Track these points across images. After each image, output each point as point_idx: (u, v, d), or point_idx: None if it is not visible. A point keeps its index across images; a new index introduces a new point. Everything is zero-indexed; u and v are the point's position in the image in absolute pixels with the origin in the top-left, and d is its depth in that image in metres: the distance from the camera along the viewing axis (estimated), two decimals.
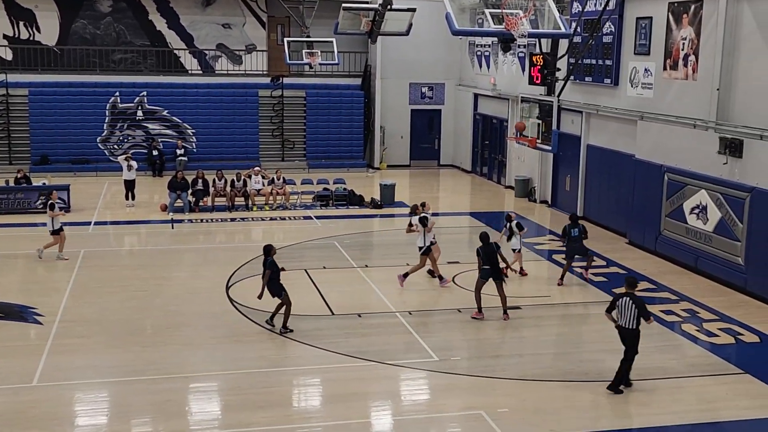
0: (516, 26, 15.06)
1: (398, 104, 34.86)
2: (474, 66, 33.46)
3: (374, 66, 34.35)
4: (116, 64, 33.89)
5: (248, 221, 24.41)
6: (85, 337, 14.56)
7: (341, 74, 34.63)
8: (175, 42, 34.31)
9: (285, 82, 33.72)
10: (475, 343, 14.80)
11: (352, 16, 22.59)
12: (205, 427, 11.42)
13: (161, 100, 32.66)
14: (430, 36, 32.85)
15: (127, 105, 32.36)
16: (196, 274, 18.72)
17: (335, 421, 11.57)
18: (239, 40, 34.86)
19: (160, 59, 34.15)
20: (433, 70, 34.93)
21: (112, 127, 32.26)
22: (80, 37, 33.59)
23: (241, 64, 34.86)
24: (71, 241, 21.11)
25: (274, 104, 33.70)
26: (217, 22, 34.61)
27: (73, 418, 11.68)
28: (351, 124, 34.15)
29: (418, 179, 32.66)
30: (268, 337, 14.69)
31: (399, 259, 20.06)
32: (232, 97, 33.27)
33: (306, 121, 34.00)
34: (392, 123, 34.86)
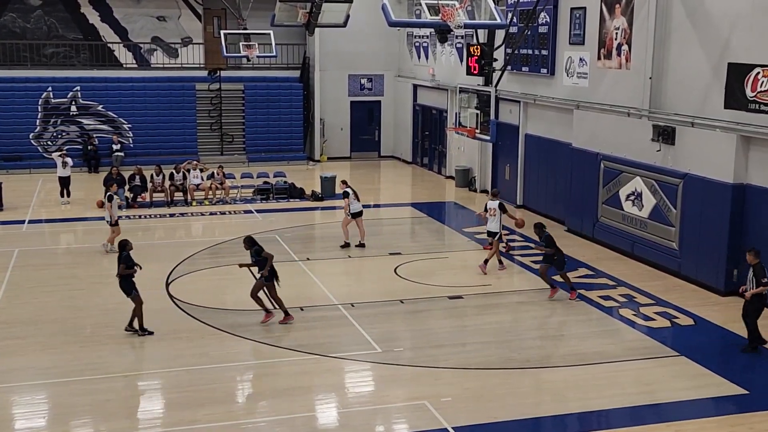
0: (452, 17, 15.16)
1: (337, 96, 34.79)
2: (413, 57, 33.55)
3: (313, 58, 34.20)
4: (48, 59, 33.11)
5: (188, 216, 24.13)
6: (21, 338, 14.23)
7: (279, 66, 34.40)
8: (108, 35, 33.65)
9: (222, 75, 33.36)
10: (418, 333, 14.87)
11: (289, 8, 22.52)
12: (147, 426, 11.28)
13: (96, 94, 32.02)
14: (369, 27, 32.81)
15: (61, 100, 31.65)
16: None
17: (280, 416, 11.53)
18: (175, 32, 34.35)
19: (94, 53, 33.47)
20: (372, 62, 34.94)
21: (45, 123, 31.53)
22: (9, 31, 32.72)
23: (177, 58, 34.36)
24: (4, 241, 20.61)
25: (212, 98, 33.33)
26: (152, 14, 34.05)
27: (11, 422, 11.40)
28: (290, 116, 33.96)
29: (358, 171, 32.63)
30: (209, 333, 14.55)
31: (340, 252, 20.06)
32: (168, 90, 32.80)
33: (245, 114, 33.72)
34: (332, 115, 34.78)
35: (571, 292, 16.64)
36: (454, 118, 22.98)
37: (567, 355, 13.75)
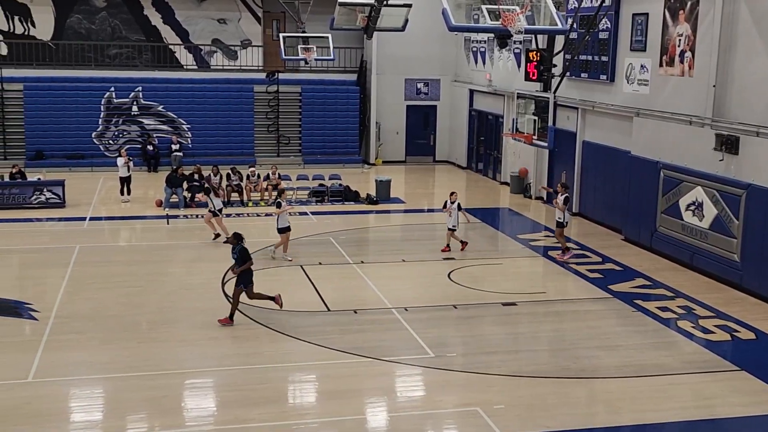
0: (512, 22, 15.06)
1: (394, 100, 34.83)
2: (470, 62, 33.44)
3: (370, 61, 34.31)
4: (111, 60, 33.80)
5: (244, 217, 24.38)
6: (81, 333, 14.52)
7: (337, 70, 34.58)
8: (170, 37, 34.23)
9: (280, 77, 33.68)
10: (471, 339, 14.79)
11: (348, 12, 22.63)
12: (200, 423, 11.40)
13: (156, 95, 32.60)
14: (426, 32, 32.81)
15: (123, 100, 32.29)
16: (191, 270, 18.68)
17: (330, 418, 11.56)
18: (235, 35, 34.79)
19: (156, 54, 34.07)
20: (429, 66, 34.91)
21: (107, 122, 32.19)
22: (75, 32, 33.49)
23: (236, 60, 34.79)
24: (66, 237, 21.07)
25: (270, 100, 33.66)
26: (213, 17, 34.53)
27: (69, 414, 11.65)
28: (346, 119, 34.11)
29: (413, 175, 32.65)
30: (263, 333, 14.67)
31: (394, 255, 20.08)
32: (227, 92, 33.22)
33: (302, 116, 33.97)
34: (388, 119, 34.84)
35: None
36: (511, 123, 22.85)
37: (622, 365, 13.53)
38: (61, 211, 24.12)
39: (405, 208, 26.32)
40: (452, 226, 20.45)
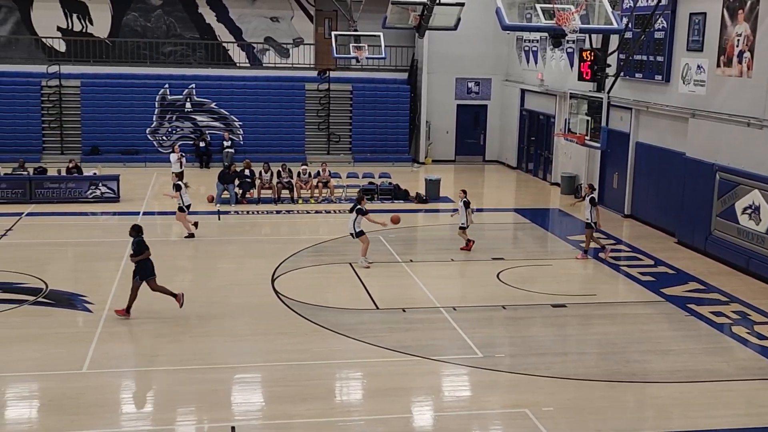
0: (567, 21, 14.91)
1: (444, 99, 34.75)
2: (521, 61, 33.20)
3: (421, 60, 34.26)
4: (166, 57, 34.30)
5: (293, 214, 24.54)
6: (133, 325, 14.77)
7: (388, 68, 34.60)
8: (223, 35, 34.61)
9: (332, 75, 33.83)
10: (519, 340, 14.70)
11: (401, 11, 22.62)
12: (248, 418, 11.51)
13: (209, 92, 32.99)
14: (478, 30, 32.69)
15: (176, 97, 32.75)
16: (241, 266, 18.86)
17: (376, 416, 11.59)
18: (287, 33, 35.04)
19: (209, 52, 34.47)
20: (480, 65, 34.75)
21: (161, 118, 32.68)
22: (131, 30, 34.06)
23: (288, 58, 35.03)
24: (120, 231, 21.38)
25: (321, 98, 33.82)
26: (266, 15, 34.82)
27: (121, 406, 11.87)
28: (397, 118, 34.12)
29: (463, 174, 32.54)
30: (312, 330, 14.75)
31: (443, 255, 20.04)
32: (279, 90, 33.48)
33: (352, 115, 34.07)
34: (438, 118, 34.77)
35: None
36: (563, 123, 22.63)
37: (674, 370, 13.32)
38: (115, 205, 24.54)
39: (454, 207, 26.16)
40: (462, 224, 20.31)
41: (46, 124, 32.02)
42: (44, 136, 31.98)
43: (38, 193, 24.64)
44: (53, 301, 15.95)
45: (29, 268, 17.81)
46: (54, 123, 32.05)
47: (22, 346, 13.72)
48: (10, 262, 18.26)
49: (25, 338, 14.05)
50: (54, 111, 32.05)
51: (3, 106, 31.40)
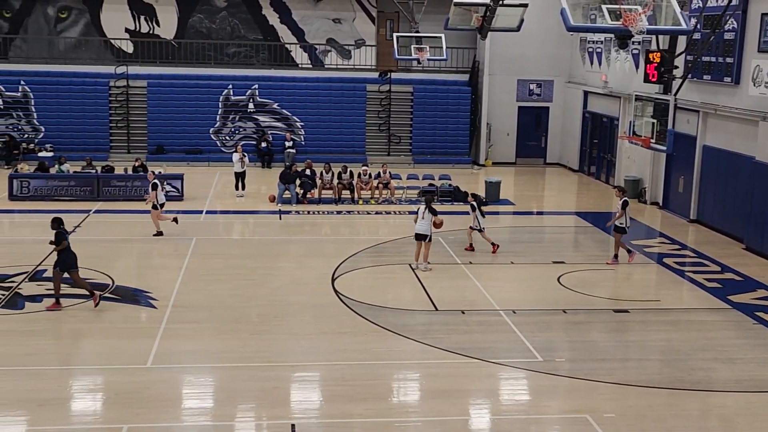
0: (634, 22, 14.67)
1: (505, 101, 34.52)
2: (585, 63, 32.79)
3: (482, 62, 34.10)
4: (230, 58, 34.79)
5: (354, 214, 24.65)
6: (196, 322, 15.01)
7: (449, 70, 34.54)
8: (286, 36, 34.96)
9: (393, 77, 33.91)
10: (580, 345, 14.52)
11: (463, 12, 22.54)
12: (307, 416, 11.59)
13: (272, 93, 33.36)
14: (540, 32, 32.43)
15: (239, 98, 33.19)
16: (302, 265, 19.01)
17: (434, 417, 11.57)
18: (349, 34, 35.22)
19: (272, 53, 34.85)
20: (542, 67, 34.44)
21: (225, 118, 33.17)
22: (197, 31, 34.64)
23: (350, 59, 35.22)
24: (184, 229, 21.78)
25: (382, 99, 33.92)
26: (328, 17, 35.07)
27: (183, 401, 12.07)
28: (457, 120, 34.04)
29: (523, 177, 32.29)
30: (372, 330, 14.79)
31: (503, 257, 19.90)
32: (340, 91, 33.68)
33: (413, 116, 34.10)
34: (499, 120, 34.56)
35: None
36: (628, 126, 22.27)
37: (740, 380, 13.01)
38: (179, 204, 24.96)
39: (514, 210, 26.05)
40: (473, 226, 20.32)
41: (113, 124, 32.78)
42: (111, 135, 32.75)
43: (105, 191, 25.23)
44: (119, 296, 16.31)
45: (97, 264, 18.24)
46: (121, 122, 32.79)
47: (90, 340, 14.07)
48: (78, 258, 18.66)
49: (93, 332, 14.41)
50: (121, 111, 32.79)
51: (73, 105, 32.26)
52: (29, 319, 14.93)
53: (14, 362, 12.97)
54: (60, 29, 34.08)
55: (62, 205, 24.07)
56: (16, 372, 12.62)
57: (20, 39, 33.92)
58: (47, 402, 11.60)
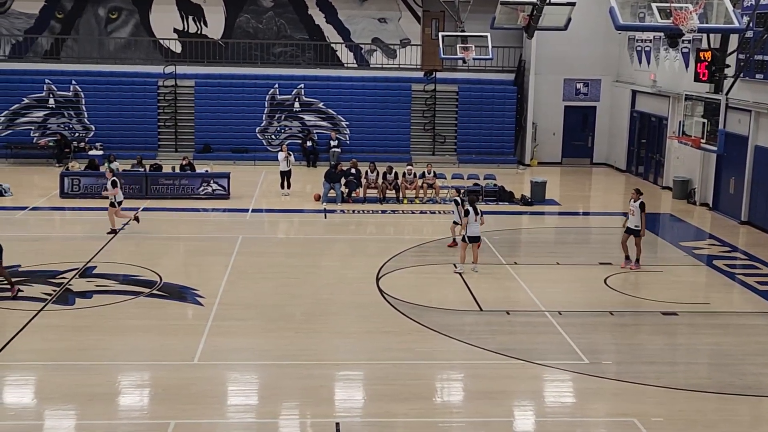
0: (685, 21, 14.43)
1: (551, 100, 34.22)
2: (633, 62, 32.36)
3: (528, 61, 33.86)
4: (276, 57, 35.02)
5: (398, 214, 24.64)
6: (242, 320, 15.13)
7: (494, 69, 34.33)
8: (332, 36, 35.08)
9: (438, 76, 33.82)
10: (627, 348, 14.34)
11: (509, 11, 22.44)
12: (351, 415, 11.62)
13: (317, 92, 33.51)
14: (587, 30, 32.08)
15: (285, 97, 33.40)
16: (346, 264, 19.06)
17: (478, 418, 11.52)
18: (394, 34, 35.22)
19: (318, 53, 35.00)
20: (589, 66, 34.06)
21: (271, 118, 33.41)
22: (243, 31, 34.93)
23: (395, 58, 35.20)
24: (230, 227, 21.99)
25: (427, 98, 33.87)
26: (374, 16, 35.10)
27: (229, 398, 12.19)
28: (503, 119, 33.84)
29: (569, 177, 31.98)
30: (416, 330, 14.78)
31: (549, 258, 19.74)
32: (385, 90, 33.70)
33: (458, 115, 33.98)
34: (545, 119, 34.28)
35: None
36: (677, 126, 21.91)
37: None
38: (225, 202, 25.21)
39: (560, 210, 25.83)
40: (456, 221, 20.16)
41: (161, 123, 33.22)
42: (159, 134, 33.19)
43: (153, 189, 25.57)
44: (167, 293, 16.52)
45: (144, 261, 18.51)
46: (169, 121, 33.21)
47: (138, 336, 14.27)
48: (127, 255, 19.03)
49: (141, 329, 14.62)
50: (169, 110, 33.22)
51: (122, 105, 32.77)
52: (79, 314, 15.19)
53: (65, 357, 13.21)
54: (110, 30, 34.63)
55: None
56: (67, 366, 12.86)
57: (72, 39, 34.55)
58: (96, 396, 11.80)
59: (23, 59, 33.85)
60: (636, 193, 19.03)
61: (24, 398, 12.04)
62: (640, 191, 19.12)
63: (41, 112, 32.58)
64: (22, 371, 12.79)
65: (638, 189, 19.27)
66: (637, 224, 18.64)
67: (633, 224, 18.75)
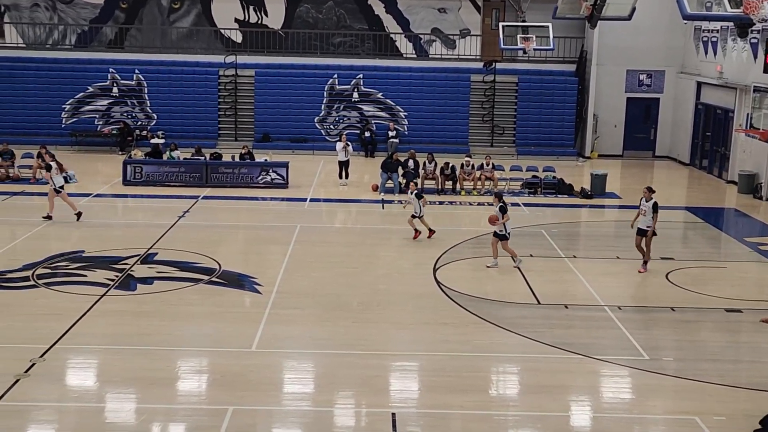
0: (756, 10, 14.05)
1: (613, 92, 33.64)
2: (699, 52, 31.62)
3: (590, 52, 33.33)
4: (335, 48, 35.12)
5: (456, 205, 24.54)
6: (299, 308, 15.24)
7: (555, 60, 33.90)
8: (391, 26, 35.03)
9: (497, 67, 33.53)
10: (689, 344, 14.06)
11: (572, 1, 22.14)
12: (406, 406, 11.61)
13: (376, 82, 33.51)
14: (651, 20, 31.42)
15: (344, 87, 33.48)
16: (403, 255, 19.04)
17: (534, 412, 11.42)
18: (454, 24, 35.02)
19: (377, 43, 35.00)
20: (653, 57, 33.38)
21: (329, 108, 33.54)
22: (303, 21, 35.10)
23: (454, 49, 35.02)
24: (288, 216, 22.16)
25: (486, 89, 33.61)
26: (433, 6, 34.95)
27: (285, 385, 12.28)
28: (563, 111, 33.42)
29: (630, 170, 31.45)
30: (472, 322, 14.71)
31: (608, 252, 19.47)
32: (444, 81, 33.54)
33: (517, 106, 33.66)
34: (606, 111, 33.73)
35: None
36: (744, 119, 21.39)
37: None
38: (284, 191, 25.40)
39: (621, 203, 25.42)
40: (414, 213, 20.12)
41: (221, 112, 33.60)
42: (220, 123, 33.58)
43: (213, 178, 25.88)
44: (225, 281, 16.71)
45: (204, 248, 18.76)
46: (229, 111, 33.58)
47: (198, 323, 14.48)
48: (187, 243, 19.30)
49: (200, 315, 14.82)
50: (229, 99, 33.58)
51: (183, 94, 33.24)
52: (141, 300, 15.47)
53: (127, 342, 13.47)
54: (173, 19, 35.13)
55: (172, 191, 24.89)
56: (128, 351, 13.11)
57: (135, 29, 35.15)
58: (157, 381, 12.01)
59: (88, 48, 34.56)
60: (648, 191, 17.87)
61: (87, 381, 12.33)
62: (652, 189, 17.96)
63: (105, 100, 33.23)
64: (85, 354, 13.08)
65: (650, 187, 18.08)
66: (649, 224, 17.60)
67: (645, 225, 17.68)
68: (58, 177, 20.81)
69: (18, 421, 10.82)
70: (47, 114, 32.82)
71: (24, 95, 32.81)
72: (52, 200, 20.84)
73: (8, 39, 34.66)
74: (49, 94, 32.82)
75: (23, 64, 33.15)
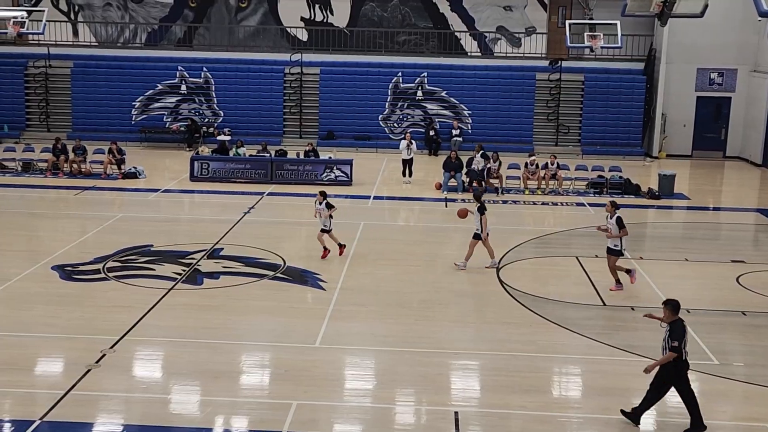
0: None
1: (683, 90, 32.97)
2: None
3: (659, 49, 32.70)
4: (400, 46, 35.18)
5: (519, 204, 24.34)
6: (363, 305, 15.30)
7: (623, 58, 33.35)
8: (456, 24, 34.94)
9: (563, 65, 33.16)
10: (761, 350, 13.71)
11: None
12: (467, 405, 11.57)
13: (440, 81, 33.45)
14: (723, 17, 30.72)
15: (408, 85, 33.50)
16: (465, 253, 18.92)
17: (595, 414, 11.29)
18: (519, 22, 34.75)
19: (442, 41, 34.93)
20: (725, 55, 32.60)
21: (393, 106, 33.59)
22: (368, 19, 35.23)
23: (519, 47, 34.75)
24: (352, 214, 22.28)
25: (551, 88, 33.26)
26: (499, 4, 34.74)
27: (348, 381, 12.36)
28: (630, 110, 32.88)
29: (700, 171, 30.78)
30: (535, 322, 14.59)
31: (677, 254, 19.09)
32: (509, 79, 33.30)
33: (583, 105, 33.22)
34: (675, 110, 33.07)
35: None
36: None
37: None
38: (348, 188, 25.53)
39: (689, 204, 24.90)
40: (323, 227, 18.13)
41: (287, 109, 33.95)
42: (285, 121, 33.94)
43: (278, 174, 26.18)
44: (290, 276, 16.88)
45: (268, 244, 18.98)
46: (294, 108, 33.91)
47: (262, 318, 14.67)
48: (252, 238, 19.55)
49: (265, 310, 15.01)
50: (295, 97, 33.91)
51: (250, 92, 33.69)
52: (207, 294, 15.73)
53: (193, 335, 13.72)
54: (240, 18, 35.63)
55: (238, 187, 25.26)
56: (195, 344, 13.35)
57: (204, 27, 35.75)
58: (222, 374, 12.20)
59: (158, 47, 35.30)
60: (611, 205, 16.26)
61: (154, 373, 12.59)
62: (616, 204, 16.36)
63: (174, 98, 33.87)
64: (152, 347, 13.37)
65: (614, 201, 16.54)
66: (616, 244, 16.00)
67: (612, 244, 16.06)
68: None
69: (89, 410, 11.11)
70: (118, 111, 33.61)
71: (96, 92, 33.65)
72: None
73: (81, 38, 35.61)
74: (120, 92, 33.61)
75: (96, 62, 34.01)
